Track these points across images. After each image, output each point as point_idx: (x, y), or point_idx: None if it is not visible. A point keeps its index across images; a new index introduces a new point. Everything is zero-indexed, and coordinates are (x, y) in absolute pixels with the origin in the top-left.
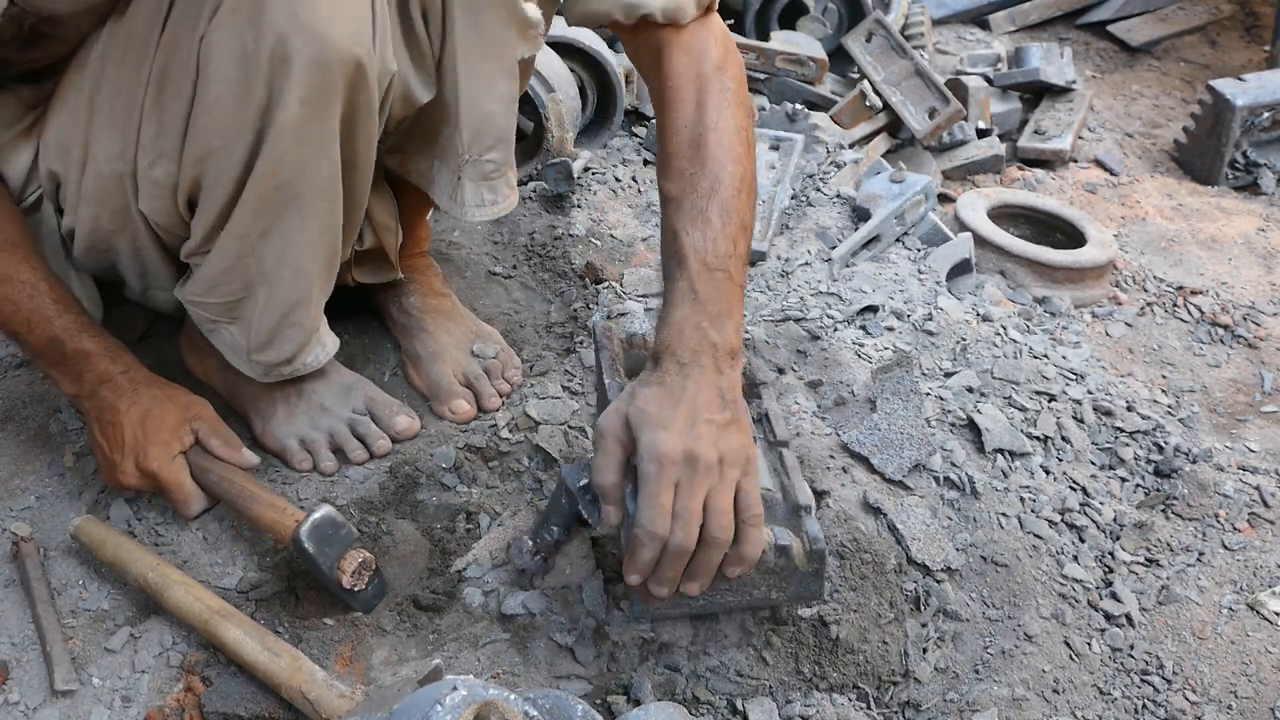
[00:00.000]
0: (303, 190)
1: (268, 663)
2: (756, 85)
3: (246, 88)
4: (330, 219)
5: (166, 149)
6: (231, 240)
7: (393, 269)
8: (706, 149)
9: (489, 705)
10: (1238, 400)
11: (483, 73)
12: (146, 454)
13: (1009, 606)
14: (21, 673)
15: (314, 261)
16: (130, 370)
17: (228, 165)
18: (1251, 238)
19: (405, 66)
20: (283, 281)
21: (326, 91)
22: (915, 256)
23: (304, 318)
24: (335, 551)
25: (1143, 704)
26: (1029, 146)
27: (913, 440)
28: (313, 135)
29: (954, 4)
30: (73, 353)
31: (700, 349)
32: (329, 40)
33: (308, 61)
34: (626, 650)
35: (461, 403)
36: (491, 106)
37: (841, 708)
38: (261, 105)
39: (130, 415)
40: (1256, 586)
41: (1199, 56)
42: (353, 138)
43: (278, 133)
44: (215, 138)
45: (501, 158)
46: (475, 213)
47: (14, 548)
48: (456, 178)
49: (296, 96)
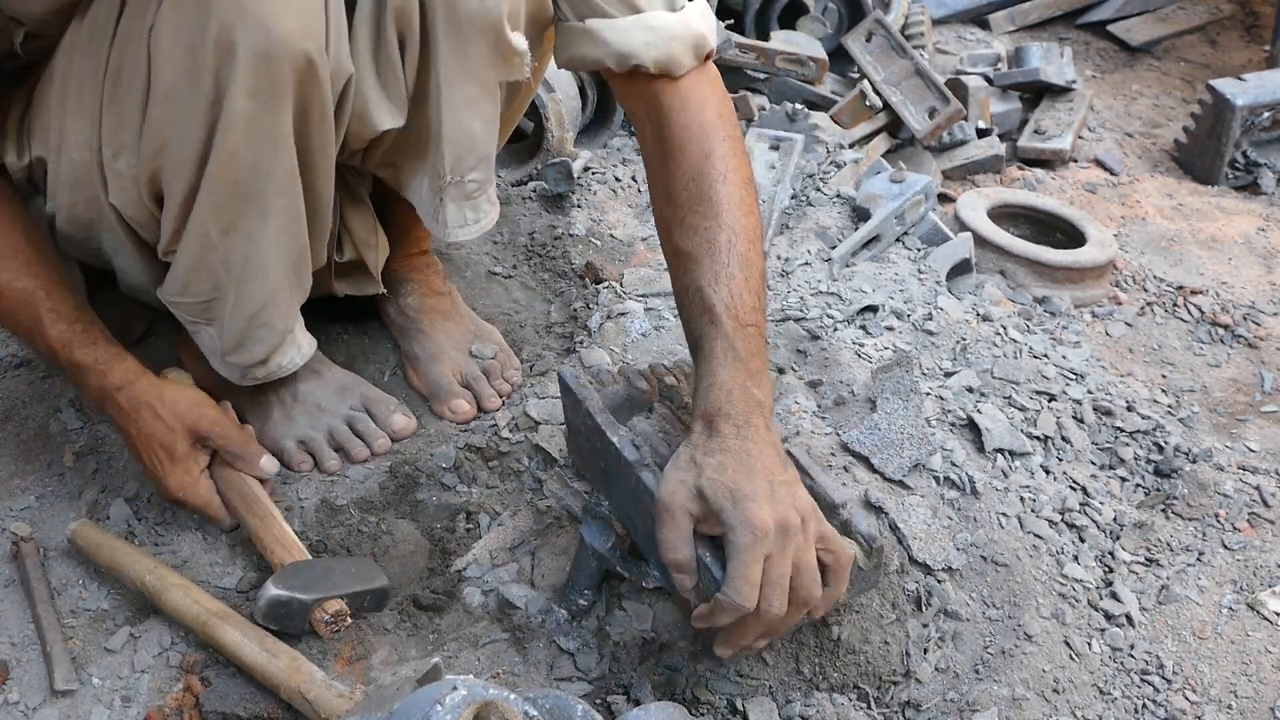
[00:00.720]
0: (260, 187)
1: (266, 663)
2: (756, 85)
3: (195, 78)
4: (291, 218)
5: (126, 141)
6: (194, 238)
7: (374, 283)
8: (719, 202)
9: (489, 705)
10: (1238, 400)
11: (466, 95)
12: (167, 483)
13: (1009, 606)
14: (21, 673)
15: (279, 261)
16: (125, 386)
17: (182, 158)
18: (1251, 238)
19: (371, 89)
20: (249, 281)
21: (274, 84)
22: (915, 256)
23: (274, 318)
24: (298, 622)
25: (1143, 704)
26: (1029, 146)
27: (913, 440)
28: (264, 129)
29: (954, 4)
30: (67, 365)
31: (750, 409)
32: (274, 32)
33: (252, 52)
34: (626, 650)
35: (461, 403)
36: (474, 126)
37: (842, 708)
38: (210, 96)
39: (140, 440)
40: (1256, 586)
41: (1199, 56)
42: (307, 135)
43: (227, 125)
44: (168, 129)
45: (484, 176)
46: (458, 233)
47: (14, 548)
48: (439, 199)
49: (243, 88)
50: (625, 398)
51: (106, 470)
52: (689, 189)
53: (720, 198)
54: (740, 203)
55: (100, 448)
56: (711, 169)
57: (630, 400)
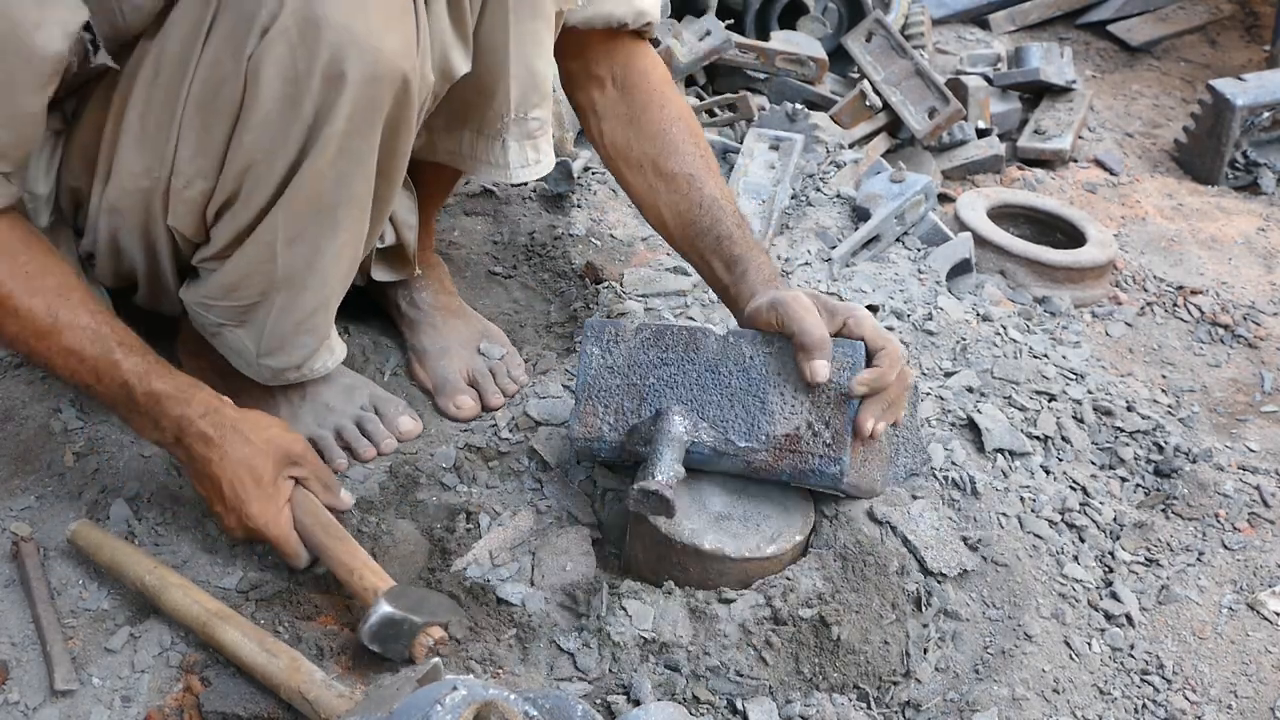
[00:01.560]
0: (338, 200)
1: (266, 663)
2: (756, 85)
3: (295, 105)
4: (359, 228)
5: (204, 168)
6: (259, 247)
7: (410, 266)
8: (701, 137)
9: (489, 705)
10: (1238, 400)
11: (532, 30)
12: (249, 513)
13: (1009, 606)
14: (21, 673)
15: (338, 270)
16: (209, 413)
17: (268, 179)
18: (1251, 238)
19: (450, 39)
20: (307, 289)
21: (375, 107)
22: (915, 256)
23: (321, 324)
24: (403, 643)
25: (1143, 704)
26: (1029, 146)
27: (909, 446)
28: (355, 149)
29: (954, 4)
30: (143, 397)
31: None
32: (382, 54)
33: (361, 77)
34: (626, 650)
35: (466, 399)
36: (539, 64)
37: (842, 708)
38: (309, 122)
39: (224, 468)
40: (1256, 586)
41: (1199, 56)
42: (391, 150)
43: (322, 147)
44: (258, 153)
45: (545, 115)
46: (520, 173)
47: (14, 548)
48: (500, 142)
49: (346, 113)
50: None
51: (106, 470)
52: (680, 124)
53: (699, 133)
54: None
55: (100, 448)
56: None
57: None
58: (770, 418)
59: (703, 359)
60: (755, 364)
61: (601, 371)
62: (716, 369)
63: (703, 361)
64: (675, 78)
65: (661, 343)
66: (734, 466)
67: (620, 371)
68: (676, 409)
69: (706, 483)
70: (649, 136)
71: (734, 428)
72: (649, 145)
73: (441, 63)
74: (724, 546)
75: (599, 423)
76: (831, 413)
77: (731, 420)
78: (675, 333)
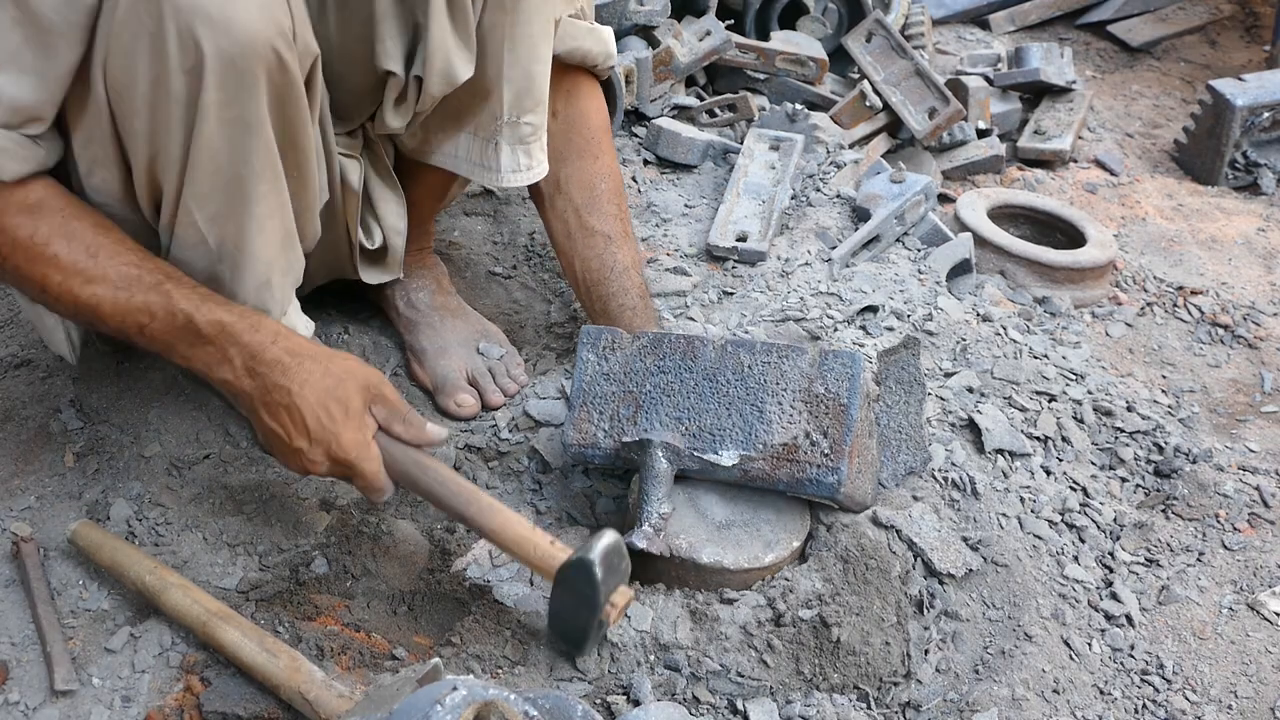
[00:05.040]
0: (242, 172)
1: (266, 663)
2: (756, 85)
3: (163, 84)
4: (275, 201)
5: (98, 155)
6: (188, 229)
7: (398, 268)
8: (623, 199)
9: (489, 705)
10: (1238, 400)
11: (530, 34)
12: (340, 442)
13: (1009, 606)
14: (21, 673)
15: (267, 246)
16: (279, 339)
17: (170, 159)
18: (1251, 238)
19: (451, 42)
20: (240, 267)
21: (242, 76)
22: (915, 256)
23: (269, 301)
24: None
25: (1143, 704)
26: (1029, 146)
27: (910, 443)
28: (238, 118)
29: (954, 4)
30: (209, 326)
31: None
32: (233, 23)
33: (217, 48)
34: (626, 650)
35: (466, 397)
36: (535, 68)
37: (842, 708)
38: (183, 98)
39: (306, 396)
40: (1256, 586)
41: (1199, 56)
42: (289, 119)
43: (203, 118)
44: (154, 138)
45: (538, 121)
46: (511, 178)
47: (14, 548)
48: (493, 144)
49: (214, 82)
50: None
51: (106, 470)
52: (610, 181)
53: (622, 190)
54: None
55: (100, 448)
56: (614, 167)
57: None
58: (768, 426)
59: (700, 367)
60: (753, 373)
61: (597, 378)
62: (714, 377)
63: (700, 370)
64: (675, 78)
65: (659, 350)
66: (730, 476)
67: (616, 379)
68: (661, 440)
69: (703, 490)
70: (579, 185)
71: (731, 436)
72: (577, 194)
73: (444, 67)
74: (722, 559)
75: (593, 429)
76: (829, 423)
77: (728, 429)
78: (673, 341)
